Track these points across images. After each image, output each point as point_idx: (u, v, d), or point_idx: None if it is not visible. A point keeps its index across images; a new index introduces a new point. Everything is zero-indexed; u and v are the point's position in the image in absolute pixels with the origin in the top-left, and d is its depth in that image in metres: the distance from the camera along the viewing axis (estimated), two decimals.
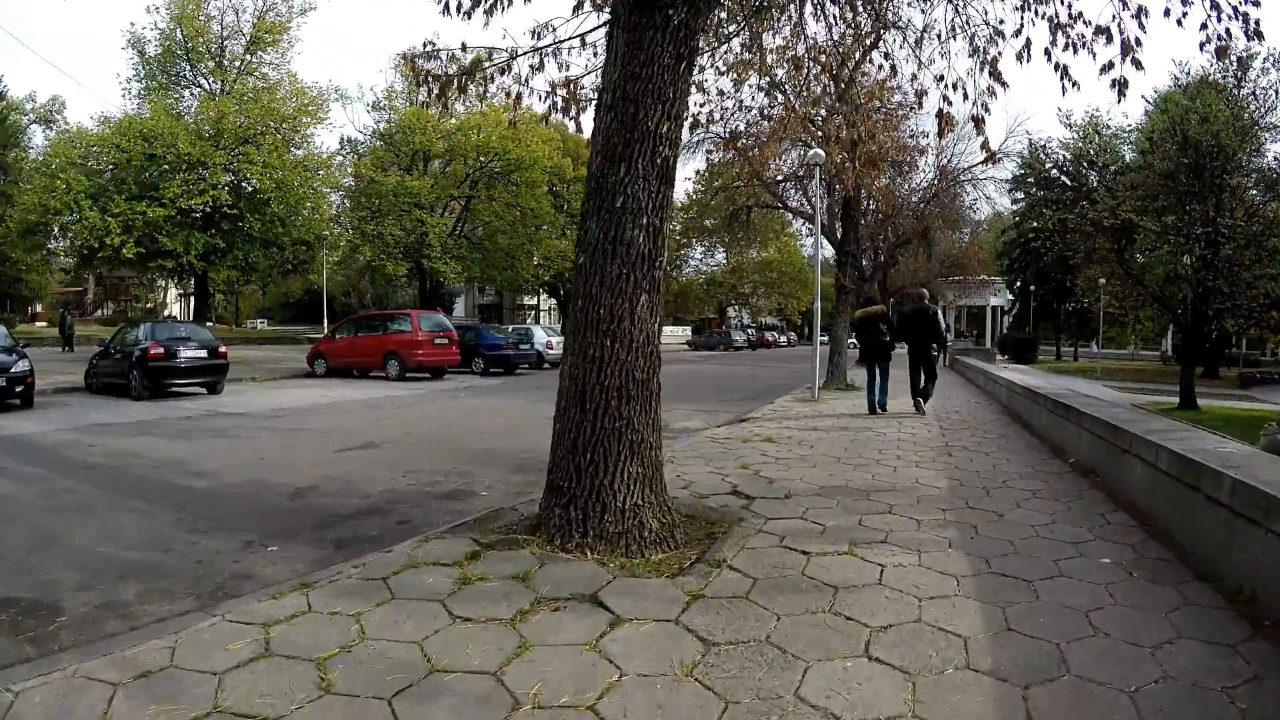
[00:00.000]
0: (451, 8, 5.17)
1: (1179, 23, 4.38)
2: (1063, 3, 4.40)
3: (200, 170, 27.65)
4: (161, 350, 12.59)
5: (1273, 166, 19.13)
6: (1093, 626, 2.77)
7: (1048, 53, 4.48)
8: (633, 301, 3.66)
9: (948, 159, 17.99)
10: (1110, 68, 4.29)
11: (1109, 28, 4.26)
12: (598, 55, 5.08)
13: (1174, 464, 3.89)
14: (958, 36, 5.10)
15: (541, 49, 5.37)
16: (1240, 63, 16.88)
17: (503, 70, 5.37)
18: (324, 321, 39.48)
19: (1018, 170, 29.70)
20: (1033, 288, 48.67)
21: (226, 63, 31.91)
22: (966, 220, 23.85)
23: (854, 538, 3.91)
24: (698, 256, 55.13)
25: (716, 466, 6.09)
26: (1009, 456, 6.72)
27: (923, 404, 10.11)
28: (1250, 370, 34.73)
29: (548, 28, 5.37)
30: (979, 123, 4.79)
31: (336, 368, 18.51)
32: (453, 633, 2.70)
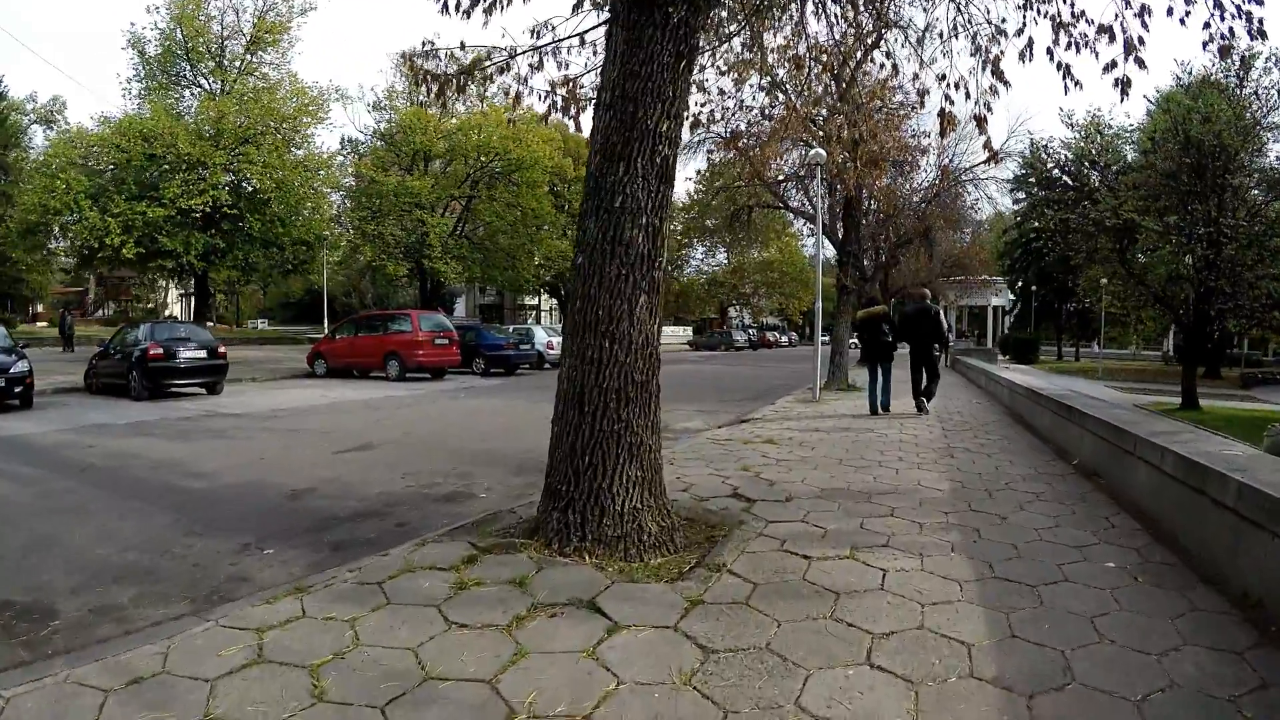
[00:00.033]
0: (450, 7, 5.14)
1: (1182, 22, 4.36)
2: (1065, 1, 4.38)
3: (200, 170, 27.65)
4: (161, 351, 12.60)
5: (1275, 166, 19.11)
6: (1098, 633, 2.73)
7: (1050, 52, 4.47)
8: (631, 302, 3.61)
9: (949, 159, 18.01)
10: (1113, 66, 4.27)
11: (1111, 26, 4.25)
12: (597, 54, 5.06)
13: (1179, 467, 3.85)
14: (960, 35, 5.08)
15: (541, 48, 5.36)
16: (1243, 62, 16.82)
17: (502, 69, 5.35)
18: (324, 322, 39.47)
19: (1019, 170, 29.61)
20: (1034, 288, 48.60)
21: (227, 63, 31.90)
22: (968, 220, 23.82)
23: (856, 541, 3.86)
24: (699, 256, 55.18)
25: (717, 468, 6.05)
26: (1011, 458, 6.68)
27: (925, 404, 10.07)
28: (1252, 370, 34.67)
29: (547, 26, 5.35)
30: (981, 122, 4.76)
31: (336, 368, 18.50)
32: (448, 639, 2.67)
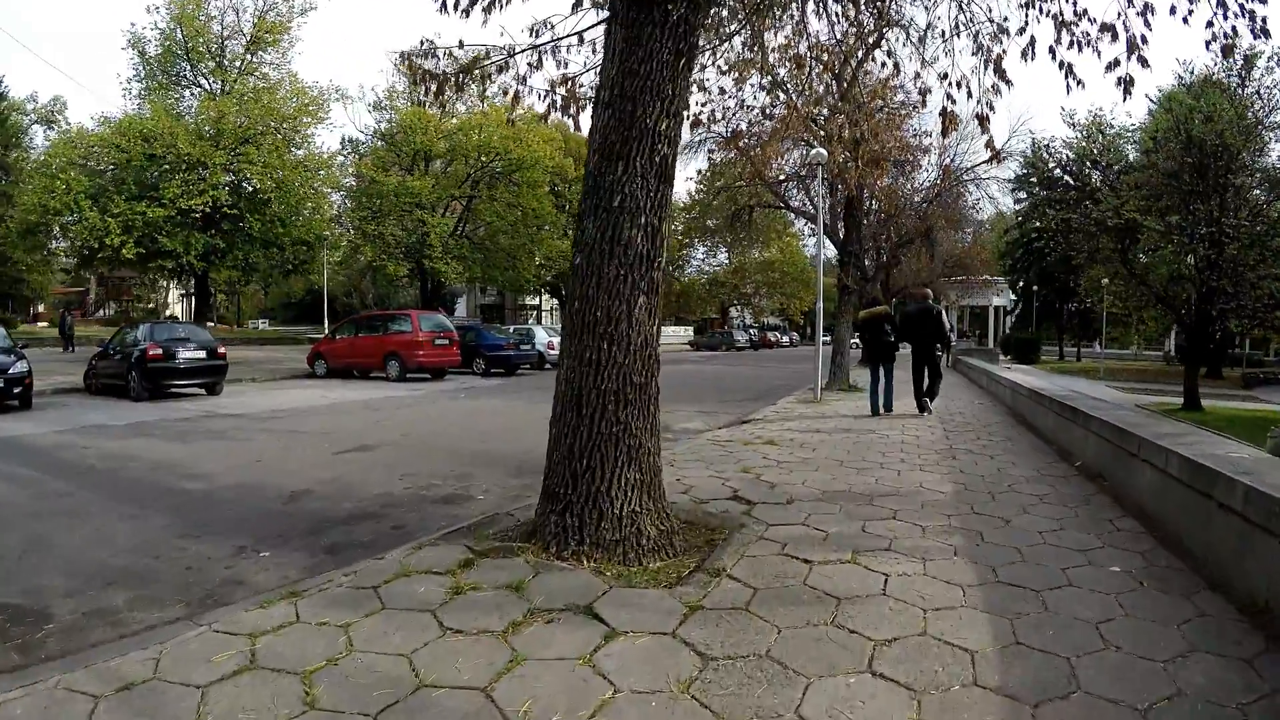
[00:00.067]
0: (449, 5, 5.12)
1: (1185, 20, 4.34)
2: (1067, 0, 4.34)
3: (200, 170, 27.64)
4: (160, 351, 12.58)
5: (1277, 166, 19.03)
6: (1103, 639, 2.69)
7: (1052, 51, 4.44)
8: (630, 303, 3.57)
9: (951, 158, 17.95)
10: (1116, 65, 4.25)
11: (1114, 25, 4.22)
12: (596, 53, 5.02)
13: (1185, 469, 3.81)
14: (961, 34, 5.05)
15: (540, 47, 5.33)
16: (1246, 61, 16.75)
17: (501, 69, 5.31)
18: (325, 322, 39.44)
19: (1021, 170, 29.61)
20: (1035, 288, 48.51)
21: (227, 63, 31.90)
22: (969, 220, 23.78)
23: (857, 545, 3.82)
24: (700, 256, 55.20)
25: (717, 470, 6.01)
26: (1014, 460, 6.63)
27: (928, 405, 10.04)
28: (1254, 370, 34.59)
29: (546, 25, 5.32)
30: (983, 121, 4.72)
31: (337, 368, 18.48)
32: (443, 645, 2.63)
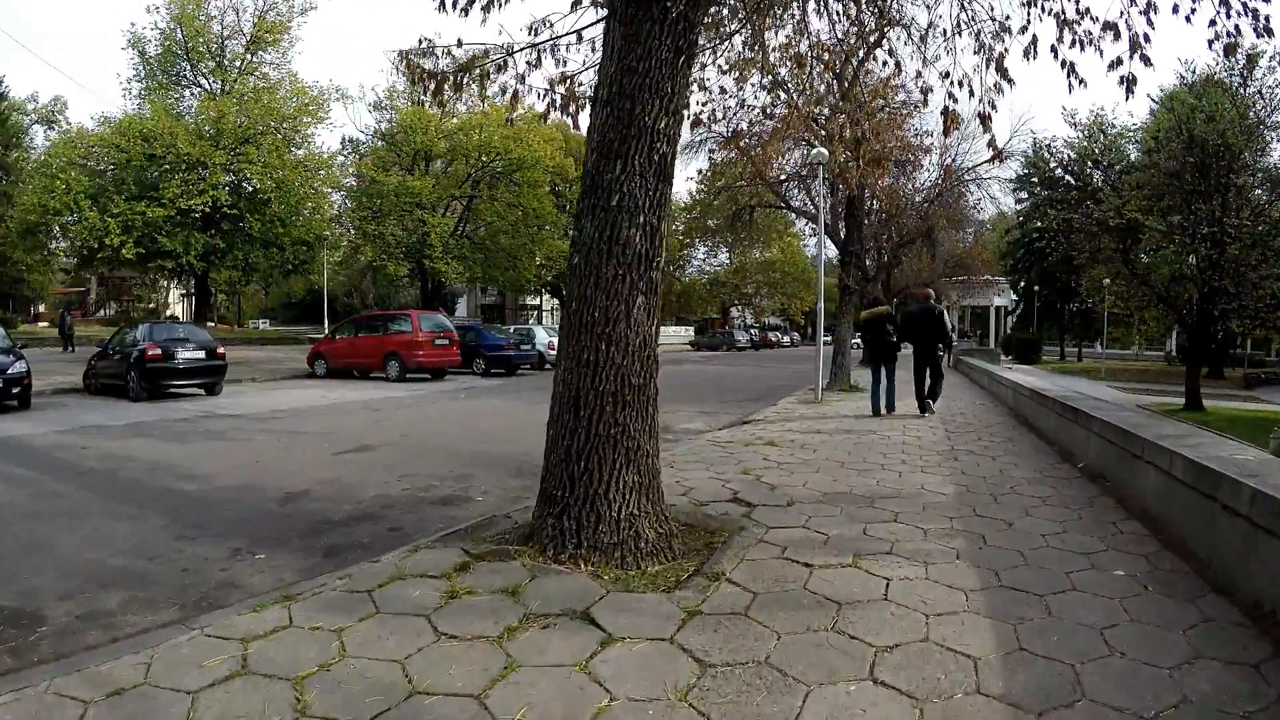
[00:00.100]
0: (447, 4, 5.09)
1: (1187, 19, 4.31)
2: None
3: (200, 170, 27.60)
4: (159, 351, 12.55)
5: (1279, 166, 18.96)
6: (1108, 645, 2.65)
7: (1054, 49, 4.40)
8: (629, 303, 3.53)
9: (952, 158, 17.91)
10: (1118, 64, 4.22)
11: (1116, 24, 4.19)
12: (595, 51, 4.98)
13: (1189, 471, 3.77)
14: (963, 33, 5.01)
15: (539, 45, 5.30)
16: (1249, 60, 16.68)
17: (500, 67, 5.28)
18: (325, 322, 39.42)
19: (1022, 170, 29.54)
20: (1037, 288, 48.44)
21: (227, 62, 31.88)
22: (970, 220, 23.71)
23: (858, 548, 3.78)
24: (701, 256, 55.07)
25: (717, 471, 5.97)
26: (1016, 461, 6.59)
27: (930, 405, 10.00)
28: (1255, 371, 34.53)
29: (545, 23, 5.29)
30: (985, 120, 4.68)
31: (336, 368, 18.44)
32: (437, 651, 2.59)
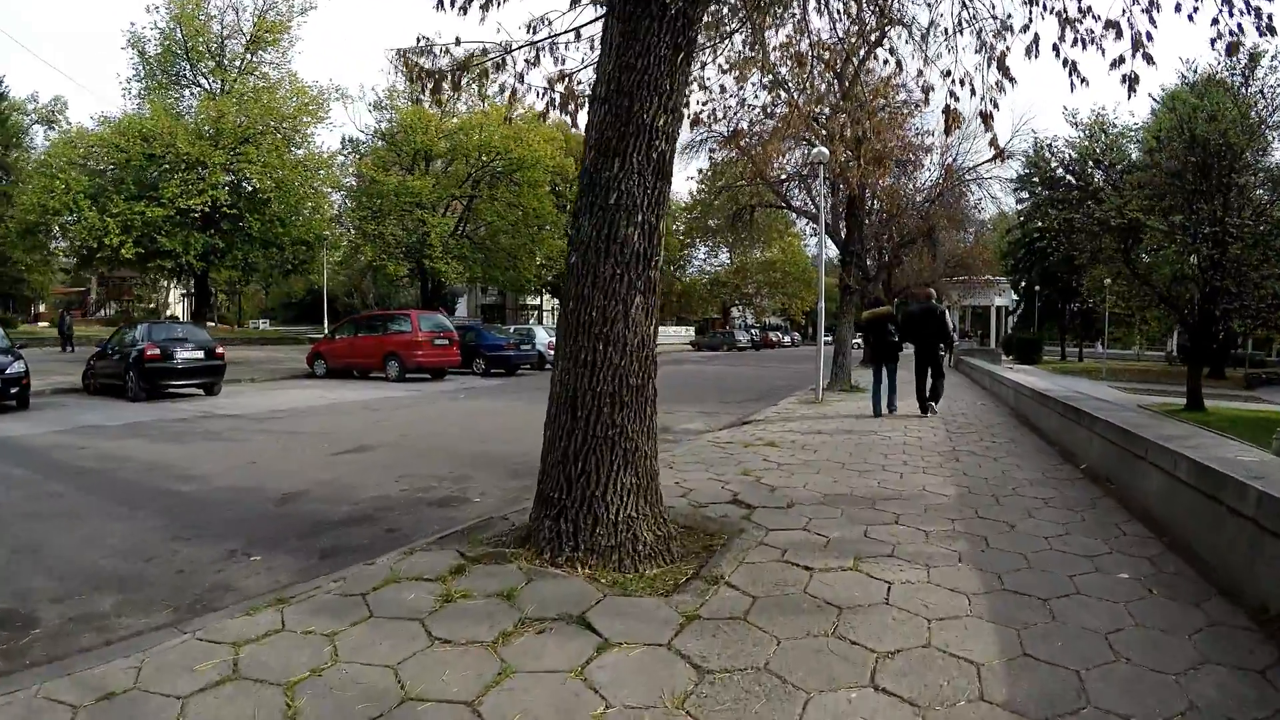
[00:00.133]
0: (445, 3, 5.05)
1: (1190, 18, 4.28)
2: None
3: (199, 170, 27.56)
4: (158, 351, 12.53)
5: None
6: (1113, 651, 2.60)
7: (1056, 48, 4.37)
8: (626, 303, 3.49)
9: (953, 158, 17.85)
10: (1121, 62, 4.19)
11: (1119, 22, 4.16)
12: (594, 49, 4.95)
13: (1193, 473, 3.72)
14: (964, 31, 4.98)
15: (537, 43, 5.26)
16: (1251, 58, 16.61)
17: (498, 65, 5.25)
18: (325, 322, 39.39)
19: (1023, 170, 29.45)
20: (1038, 288, 48.34)
21: (227, 62, 31.85)
22: (971, 220, 23.65)
23: (859, 551, 3.74)
24: (701, 256, 55.06)
25: (717, 473, 5.92)
26: (1018, 462, 6.55)
27: (931, 405, 9.96)
28: (1256, 371, 34.44)
29: (544, 21, 5.26)
30: (987, 118, 4.65)
31: (336, 368, 18.41)
32: (430, 656, 2.55)
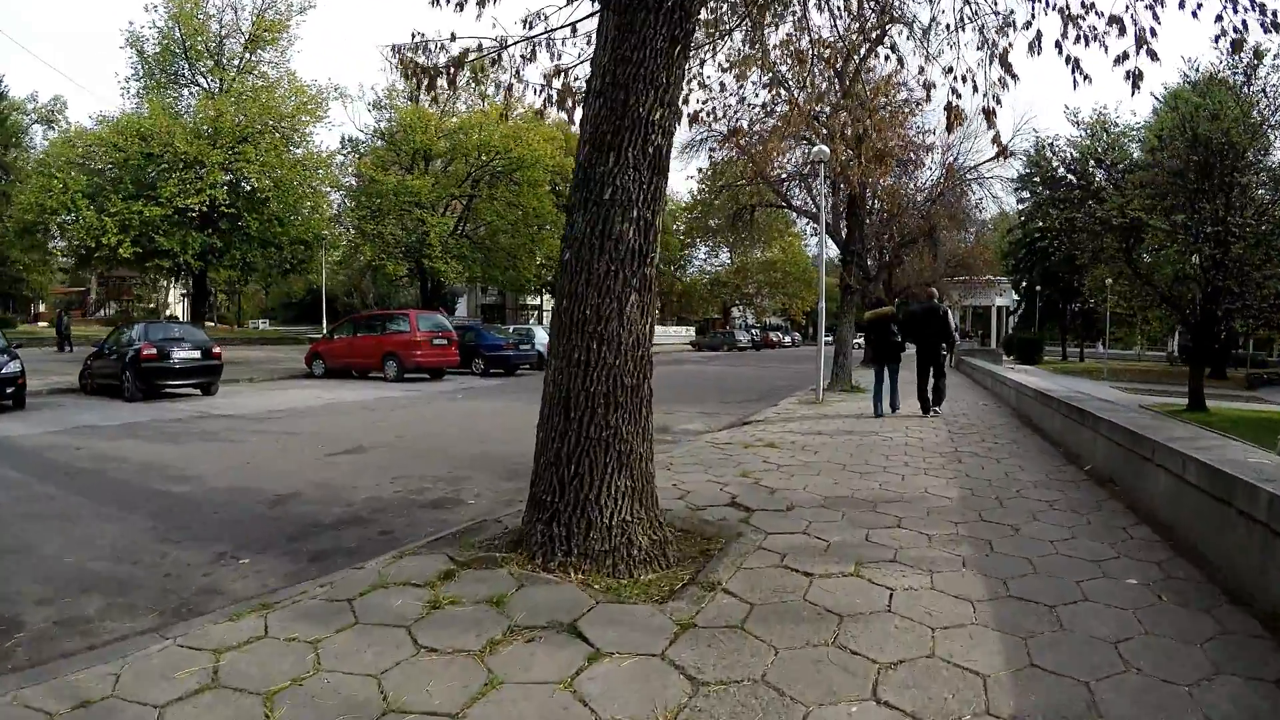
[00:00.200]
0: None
1: (1194, 14, 4.22)
2: None
3: (197, 169, 27.48)
4: (154, 351, 12.46)
5: None
6: (1123, 660, 2.51)
7: (1059, 45, 4.30)
8: (621, 301, 3.40)
9: (954, 157, 17.76)
10: (1124, 59, 4.13)
11: (1121, 18, 4.09)
12: (591, 45, 4.88)
13: (1202, 475, 3.63)
14: (966, 28, 4.91)
15: (533, 38, 5.19)
16: (1255, 55, 16.51)
17: (494, 61, 5.18)
18: (324, 322, 39.31)
19: (1024, 169, 29.35)
20: (1039, 288, 48.20)
21: (225, 61, 31.77)
22: (972, 220, 23.55)
23: (860, 556, 3.64)
24: (702, 256, 55.01)
25: (715, 474, 5.83)
26: (1021, 463, 6.46)
27: (931, 405, 9.89)
28: (1257, 371, 34.36)
29: (539, 16, 5.19)
30: (990, 115, 4.57)
31: (335, 368, 18.34)
32: (415, 665, 2.46)
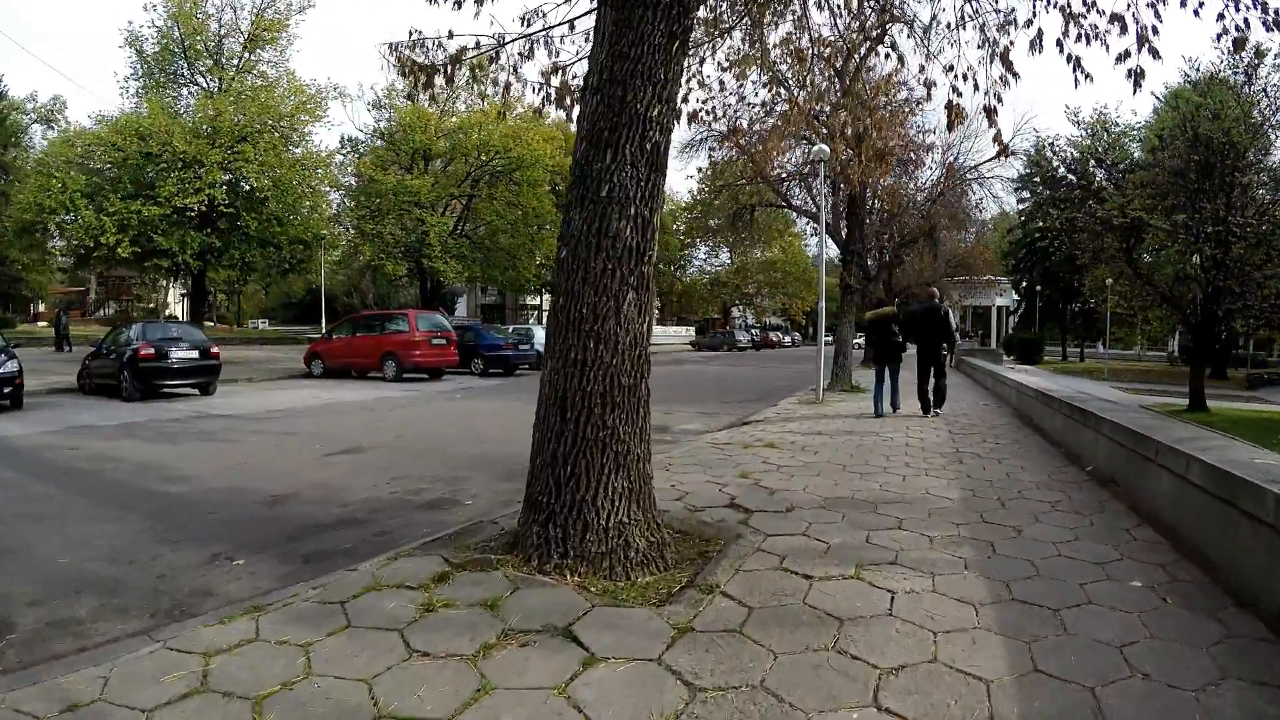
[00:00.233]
0: None
1: (1196, 13, 4.17)
2: None
3: (196, 169, 27.40)
4: (152, 351, 12.42)
5: None
6: (1129, 665, 2.47)
7: (1060, 43, 4.26)
8: (618, 299, 3.35)
9: (954, 157, 17.73)
10: (1126, 57, 4.09)
11: (1123, 16, 4.05)
12: (589, 42, 4.85)
13: (1207, 476, 3.58)
14: (967, 26, 4.87)
15: (531, 36, 5.16)
16: (1257, 54, 16.46)
17: (492, 59, 5.14)
18: (323, 322, 39.27)
19: (1024, 169, 29.31)
20: (1039, 288, 48.13)
21: (224, 61, 31.66)
22: (972, 219, 23.53)
23: (861, 558, 3.60)
24: (701, 256, 54.98)
25: (715, 475, 5.79)
26: (1023, 464, 6.41)
27: (932, 405, 9.85)
28: (1258, 371, 34.29)
29: (538, 14, 5.16)
30: (991, 113, 4.52)
31: (334, 368, 18.30)
32: (407, 670, 2.42)
